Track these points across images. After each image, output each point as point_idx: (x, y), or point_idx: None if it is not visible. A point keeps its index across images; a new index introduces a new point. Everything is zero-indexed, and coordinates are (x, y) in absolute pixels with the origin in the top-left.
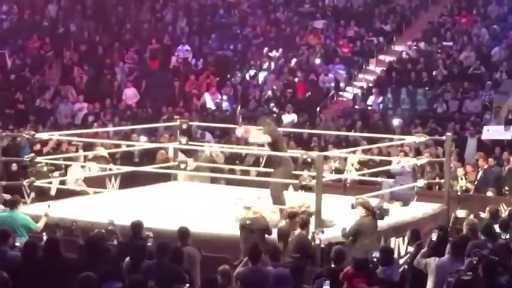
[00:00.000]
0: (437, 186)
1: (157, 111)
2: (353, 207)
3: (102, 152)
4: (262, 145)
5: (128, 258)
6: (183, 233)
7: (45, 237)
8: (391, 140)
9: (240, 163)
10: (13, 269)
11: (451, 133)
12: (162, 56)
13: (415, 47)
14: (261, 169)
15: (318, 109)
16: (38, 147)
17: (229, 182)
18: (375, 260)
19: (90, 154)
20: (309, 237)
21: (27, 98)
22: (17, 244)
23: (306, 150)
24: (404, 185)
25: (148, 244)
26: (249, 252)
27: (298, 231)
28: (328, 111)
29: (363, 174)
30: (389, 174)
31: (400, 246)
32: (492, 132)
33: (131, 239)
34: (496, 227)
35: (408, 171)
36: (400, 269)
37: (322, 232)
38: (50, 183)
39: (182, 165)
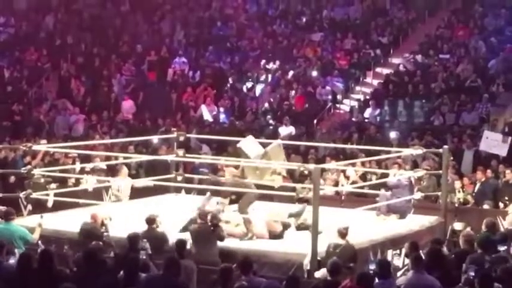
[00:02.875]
0: (434, 199)
1: (154, 123)
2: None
3: (101, 164)
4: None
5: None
6: (181, 245)
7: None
8: (388, 152)
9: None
10: (8, 279)
11: (448, 146)
12: (160, 68)
13: (412, 60)
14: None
15: (315, 121)
16: (27, 159)
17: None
18: (371, 272)
19: (89, 167)
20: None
21: (24, 110)
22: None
23: (303, 162)
24: (401, 197)
25: (143, 257)
26: (240, 263)
27: (343, 242)
28: (325, 123)
29: (361, 187)
30: (385, 187)
31: (396, 259)
32: (490, 141)
33: (128, 251)
34: None
35: (405, 184)
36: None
37: None
38: (47, 195)
39: (179, 178)
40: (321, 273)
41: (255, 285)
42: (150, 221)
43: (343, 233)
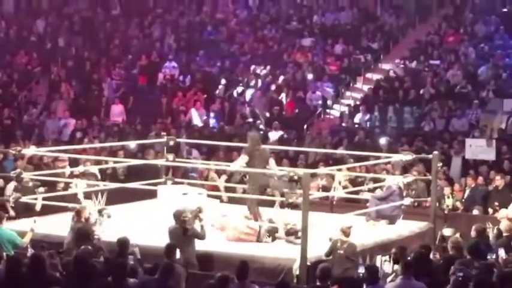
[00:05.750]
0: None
1: (144, 128)
2: None
3: (91, 168)
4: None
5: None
6: (171, 249)
7: (29, 253)
8: (378, 158)
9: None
10: None
11: (438, 152)
12: (150, 72)
13: (402, 66)
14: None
15: (305, 126)
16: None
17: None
18: (360, 276)
19: (79, 170)
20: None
21: (14, 113)
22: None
23: (293, 167)
24: (390, 203)
25: (131, 262)
26: (236, 268)
27: (348, 240)
28: (315, 128)
29: (351, 192)
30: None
31: (384, 264)
32: (475, 148)
33: (117, 256)
34: None
35: (393, 190)
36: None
37: None
38: (36, 199)
39: (169, 182)
40: None
41: None
42: (77, 212)
43: (346, 232)
